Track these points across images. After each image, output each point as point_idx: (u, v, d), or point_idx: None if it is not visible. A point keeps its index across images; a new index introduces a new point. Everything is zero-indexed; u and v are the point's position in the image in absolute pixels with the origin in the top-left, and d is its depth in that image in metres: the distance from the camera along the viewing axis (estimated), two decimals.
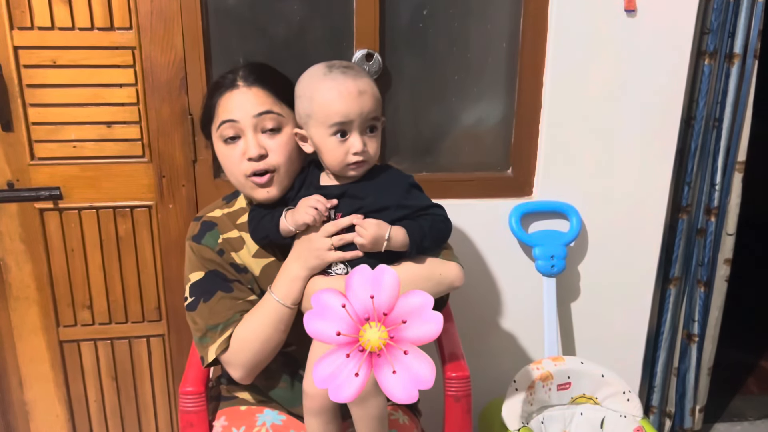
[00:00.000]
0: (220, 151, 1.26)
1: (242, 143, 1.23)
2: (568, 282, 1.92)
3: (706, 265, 1.99)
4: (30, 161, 1.61)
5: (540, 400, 1.69)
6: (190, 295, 1.29)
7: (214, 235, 1.31)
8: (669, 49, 1.73)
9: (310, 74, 1.21)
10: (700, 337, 2.07)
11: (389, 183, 1.25)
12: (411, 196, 1.25)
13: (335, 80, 1.17)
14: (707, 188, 1.93)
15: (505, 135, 1.82)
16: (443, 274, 1.25)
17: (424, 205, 1.25)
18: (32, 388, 1.80)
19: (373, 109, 1.18)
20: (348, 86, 1.16)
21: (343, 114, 1.16)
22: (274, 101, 1.24)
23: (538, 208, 1.83)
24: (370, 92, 1.18)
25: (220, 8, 1.61)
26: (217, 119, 1.24)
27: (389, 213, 1.21)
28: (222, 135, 1.24)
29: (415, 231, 1.21)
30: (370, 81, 1.20)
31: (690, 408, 2.14)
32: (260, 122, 1.22)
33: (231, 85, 1.24)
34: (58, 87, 1.56)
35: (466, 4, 1.70)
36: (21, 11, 1.50)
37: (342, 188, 1.23)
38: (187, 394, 1.35)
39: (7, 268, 1.68)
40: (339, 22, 1.66)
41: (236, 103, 1.23)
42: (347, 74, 1.18)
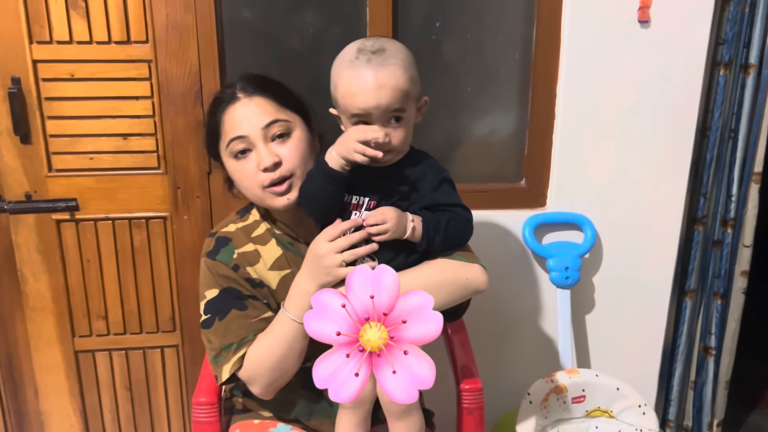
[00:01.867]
0: (233, 167, 1.24)
1: (254, 156, 1.21)
2: (583, 294, 1.90)
3: (722, 277, 1.97)
4: (47, 173, 1.63)
5: (554, 413, 1.67)
6: (205, 312, 1.27)
7: (228, 250, 1.29)
8: (683, 59, 1.73)
9: (340, 58, 1.17)
10: (717, 350, 2.04)
11: (424, 174, 1.21)
12: (440, 190, 1.21)
13: (357, 70, 1.12)
14: (723, 199, 1.91)
15: (518, 146, 1.82)
16: (469, 278, 1.23)
17: (449, 202, 1.21)
18: (48, 398, 1.81)
19: (393, 102, 1.12)
20: (367, 79, 1.11)
21: (360, 107, 1.13)
22: (277, 108, 1.23)
23: (551, 220, 1.82)
24: (391, 84, 1.12)
25: (234, 21, 1.62)
26: (225, 136, 1.23)
27: (415, 202, 1.19)
28: (232, 151, 1.22)
29: (429, 223, 1.18)
30: (393, 69, 1.13)
31: (707, 422, 2.11)
32: (269, 132, 1.21)
33: (231, 99, 1.23)
34: (75, 100, 1.58)
35: (478, 16, 1.71)
36: (40, 26, 1.52)
37: (383, 170, 1.18)
38: (200, 405, 1.36)
39: (24, 278, 1.70)
40: (352, 33, 1.66)
41: (241, 117, 1.21)
42: (371, 63, 1.12)
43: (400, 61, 1.14)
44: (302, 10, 1.64)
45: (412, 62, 1.17)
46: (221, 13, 1.60)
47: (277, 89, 1.26)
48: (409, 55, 1.17)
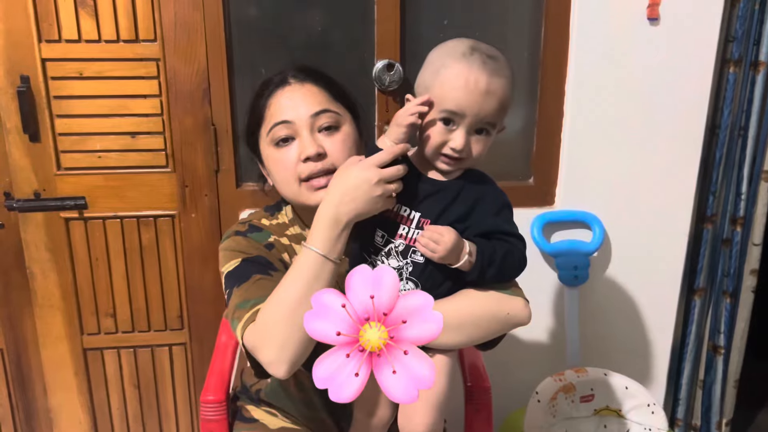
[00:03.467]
0: (271, 155, 1.15)
1: (297, 145, 1.12)
2: (591, 293, 1.89)
3: (731, 275, 1.96)
4: (56, 171, 1.63)
5: (562, 412, 1.67)
6: (226, 287, 1.13)
7: (263, 234, 1.19)
8: (693, 57, 1.72)
9: (449, 47, 1.07)
10: (726, 349, 2.03)
11: (484, 195, 1.11)
12: (502, 216, 1.12)
13: (470, 67, 1.03)
14: (733, 198, 1.90)
15: (526, 144, 1.81)
16: (511, 313, 1.12)
17: (508, 231, 1.11)
18: (56, 395, 1.82)
19: (491, 113, 1.04)
20: (478, 80, 1.02)
21: (459, 105, 1.03)
22: (329, 99, 1.15)
23: (560, 218, 1.82)
24: (499, 95, 1.04)
25: (242, 20, 1.62)
26: (269, 121, 1.14)
27: (474, 225, 1.09)
28: (274, 138, 1.13)
29: (485, 254, 1.07)
30: (505, 83, 1.05)
31: (716, 421, 2.10)
32: (317, 121, 1.13)
33: (282, 83, 1.16)
34: (84, 98, 1.59)
35: (486, 14, 1.70)
36: (49, 24, 1.53)
37: (439, 185, 1.10)
38: (208, 403, 1.36)
39: (33, 276, 1.71)
40: (360, 32, 1.66)
41: (290, 102, 1.13)
42: (486, 66, 1.03)
43: (510, 76, 1.07)
44: (310, 9, 1.64)
45: (512, 83, 1.09)
46: (229, 11, 1.60)
47: (330, 81, 1.19)
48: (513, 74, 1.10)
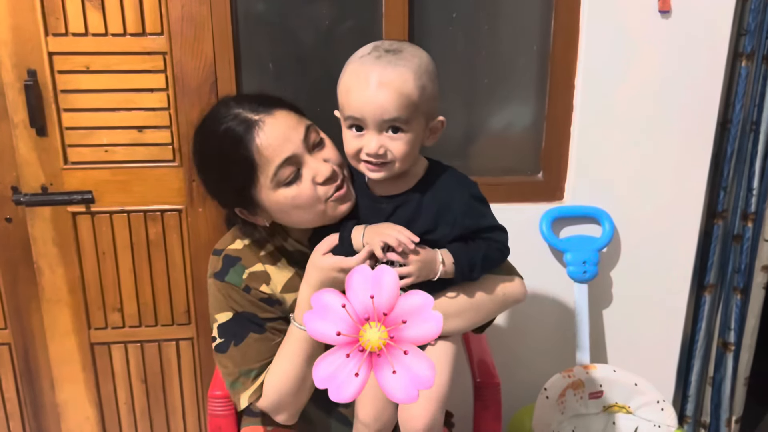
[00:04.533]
0: (282, 195, 1.07)
1: (306, 173, 1.07)
2: (601, 288, 1.88)
3: (742, 271, 1.94)
4: (63, 165, 1.63)
5: (571, 408, 1.66)
6: (219, 335, 1.17)
7: (238, 270, 1.17)
8: (704, 50, 1.70)
9: (356, 52, 1.05)
10: (737, 345, 2.02)
11: (447, 200, 1.09)
12: (472, 212, 1.10)
13: (362, 65, 1.00)
14: (744, 193, 1.88)
15: (535, 138, 1.80)
16: (507, 292, 1.17)
17: (485, 226, 1.11)
18: (64, 389, 1.82)
19: (392, 108, 0.98)
20: (369, 75, 0.99)
21: (356, 108, 1.00)
22: (299, 116, 1.11)
23: (569, 213, 1.80)
24: (395, 86, 0.98)
25: (249, 13, 1.61)
26: (268, 167, 1.05)
27: (444, 233, 1.08)
28: (281, 180, 1.06)
29: (463, 261, 1.07)
30: (403, 71, 0.99)
31: (726, 418, 2.09)
32: (308, 142, 1.08)
33: (253, 125, 1.05)
34: (90, 92, 1.58)
35: (495, 7, 1.69)
36: (56, 18, 1.52)
37: (396, 201, 1.08)
38: (216, 398, 1.36)
39: (41, 271, 1.71)
40: (368, 25, 1.65)
41: (280, 136, 1.05)
42: (379, 60, 0.99)
43: (414, 65, 1.01)
44: (317, 3, 1.63)
45: (430, 72, 1.03)
46: (236, 5, 1.59)
47: (280, 99, 1.13)
48: (430, 65, 1.04)
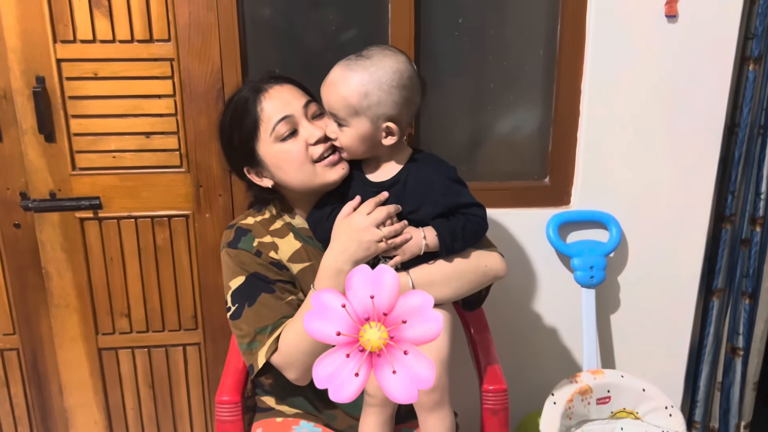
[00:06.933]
0: (279, 150, 1.24)
1: (302, 133, 1.23)
2: (608, 293, 1.88)
3: (751, 276, 1.93)
4: (71, 171, 1.64)
5: (579, 414, 1.65)
6: (233, 302, 1.26)
7: (249, 239, 1.29)
8: (712, 55, 1.69)
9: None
10: (745, 350, 2.00)
11: (428, 182, 1.22)
12: (450, 191, 1.23)
13: (337, 64, 1.20)
14: (752, 197, 1.87)
15: (542, 143, 1.80)
16: (488, 265, 1.26)
17: (462, 203, 1.23)
18: (72, 394, 1.83)
19: (332, 104, 1.19)
20: (330, 73, 1.20)
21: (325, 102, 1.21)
22: (303, 92, 1.28)
23: (576, 218, 1.80)
24: (337, 87, 1.17)
25: (256, 19, 1.62)
26: (267, 123, 1.23)
27: (426, 211, 1.21)
28: (279, 135, 1.23)
29: (445, 233, 1.19)
30: (353, 76, 1.16)
31: (735, 424, 2.08)
32: (308, 111, 1.25)
33: (261, 90, 1.25)
34: (98, 98, 1.59)
35: (502, 12, 1.69)
36: (64, 25, 1.53)
37: (383, 186, 1.22)
38: (223, 404, 1.36)
39: (49, 276, 1.71)
40: (374, 31, 1.65)
41: (280, 101, 1.24)
42: (347, 61, 1.19)
43: (369, 73, 1.15)
44: (324, 8, 1.63)
45: (384, 82, 1.15)
46: (243, 11, 1.59)
47: (293, 80, 1.31)
48: (389, 76, 1.16)
